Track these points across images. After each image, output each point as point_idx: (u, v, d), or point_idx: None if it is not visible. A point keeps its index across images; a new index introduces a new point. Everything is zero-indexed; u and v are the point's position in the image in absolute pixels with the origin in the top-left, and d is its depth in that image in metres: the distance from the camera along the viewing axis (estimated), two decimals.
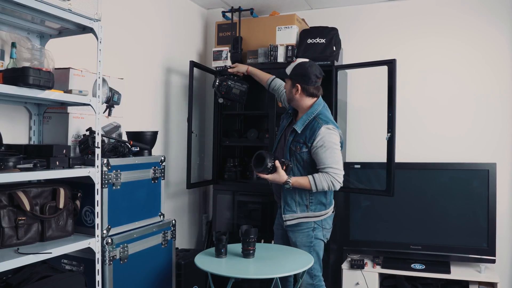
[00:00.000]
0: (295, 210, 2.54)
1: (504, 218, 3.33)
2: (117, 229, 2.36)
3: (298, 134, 2.52)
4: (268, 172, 2.43)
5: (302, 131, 2.51)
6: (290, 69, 2.55)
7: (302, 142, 2.50)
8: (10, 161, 1.79)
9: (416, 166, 3.37)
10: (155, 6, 3.46)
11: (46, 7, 1.87)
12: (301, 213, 2.54)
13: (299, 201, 2.54)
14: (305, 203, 2.54)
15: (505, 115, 3.39)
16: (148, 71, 3.39)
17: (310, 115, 2.53)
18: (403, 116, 3.40)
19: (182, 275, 3.01)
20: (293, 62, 2.58)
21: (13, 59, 2.01)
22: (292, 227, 2.56)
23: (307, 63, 2.54)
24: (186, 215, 3.87)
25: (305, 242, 2.55)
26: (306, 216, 2.53)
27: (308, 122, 2.51)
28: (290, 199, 2.54)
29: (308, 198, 2.53)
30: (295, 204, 2.54)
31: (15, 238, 1.89)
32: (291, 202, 2.54)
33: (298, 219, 2.54)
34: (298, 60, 2.58)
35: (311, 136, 2.47)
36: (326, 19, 3.75)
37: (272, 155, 2.46)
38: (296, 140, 2.52)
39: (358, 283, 3.25)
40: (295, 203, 2.54)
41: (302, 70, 2.52)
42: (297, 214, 2.54)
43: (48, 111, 2.36)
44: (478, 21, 3.45)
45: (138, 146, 2.57)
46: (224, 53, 3.54)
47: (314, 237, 2.55)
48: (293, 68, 2.54)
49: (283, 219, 2.56)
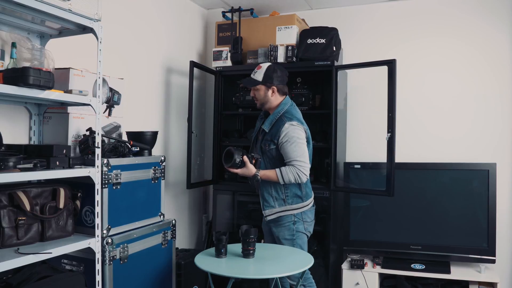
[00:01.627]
0: (274, 205, 2.64)
1: (504, 218, 3.33)
2: (117, 229, 2.36)
3: (266, 133, 2.65)
4: (238, 167, 2.57)
5: (269, 130, 2.64)
6: (261, 75, 2.66)
7: (270, 139, 2.63)
8: (10, 161, 1.79)
9: (416, 166, 3.37)
10: (156, 6, 3.46)
11: (46, 7, 1.87)
12: (279, 207, 2.64)
13: (275, 196, 2.64)
14: (281, 197, 2.64)
15: (505, 115, 3.39)
16: (148, 71, 3.39)
17: (277, 115, 2.65)
18: (403, 116, 3.39)
19: (182, 275, 3.02)
20: (258, 69, 2.69)
21: (13, 59, 2.01)
22: (274, 222, 2.67)
23: (275, 65, 2.73)
24: (186, 215, 3.87)
25: (287, 235, 2.63)
26: (284, 209, 2.64)
27: (275, 121, 2.64)
28: (267, 194, 2.65)
29: (283, 192, 2.63)
30: (272, 199, 2.64)
31: (15, 238, 1.89)
32: (268, 197, 2.65)
33: (277, 213, 2.64)
34: (263, 65, 2.69)
35: (276, 133, 2.59)
36: (326, 19, 3.75)
37: (241, 151, 2.58)
38: (265, 139, 2.66)
39: (358, 283, 3.25)
40: (272, 198, 2.64)
41: (276, 72, 2.66)
42: (276, 209, 2.64)
43: (48, 111, 2.36)
44: (478, 21, 3.45)
45: (138, 146, 2.58)
46: (224, 53, 3.55)
47: (296, 230, 2.63)
48: (264, 74, 2.65)
49: (264, 214, 2.66)
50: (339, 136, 3.27)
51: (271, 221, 2.66)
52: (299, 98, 3.32)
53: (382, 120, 2.97)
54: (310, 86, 3.43)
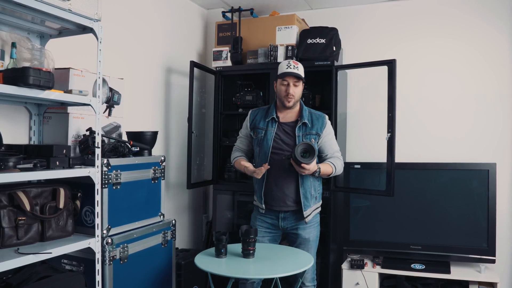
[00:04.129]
0: (310, 204, 2.64)
1: (504, 218, 3.33)
2: (117, 229, 2.36)
3: (308, 127, 2.62)
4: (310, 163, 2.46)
5: (312, 124, 2.64)
6: (302, 71, 2.63)
7: (315, 133, 2.63)
8: (10, 161, 1.79)
9: (416, 166, 3.37)
10: (155, 6, 3.46)
11: (46, 7, 1.87)
12: (313, 205, 2.66)
13: (313, 194, 2.65)
14: (315, 195, 2.67)
15: (505, 115, 3.39)
16: (148, 71, 3.39)
17: (306, 110, 2.69)
18: (403, 116, 3.39)
19: (182, 275, 3.02)
20: (298, 65, 2.62)
21: (13, 59, 2.01)
22: (308, 222, 2.65)
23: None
24: (186, 215, 3.88)
25: (317, 235, 2.71)
26: (315, 207, 2.68)
27: (311, 115, 2.67)
28: (309, 194, 2.63)
29: (317, 189, 2.69)
30: (311, 198, 2.65)
31: (15, 238, 1.89)
32: (309, 196, 2.64)
33: (313, 212, 2.66)
34: (299, 63, 2.65)
35: (321, 126, 2.64)
36: (326, 19, 3.75)
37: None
38: (310, 133, 2.62)
39: (358, 283, 3.25)
40: (311, 196, 2.65)
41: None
42: (311, 208, 2.65)
43: (48, 111, 2.36)
44: (478, 21, 3.45)
45: (138, 146, 2.57)
46: (224, 53, 3.55)
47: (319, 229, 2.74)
48: (303, 70, 2.65)
49: (304, 215, 2.61)
50: (339, 136, 3.27)
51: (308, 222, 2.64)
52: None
53: (382, 120, 2.97)
54: (310, 86, 3.43)
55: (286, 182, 2.61)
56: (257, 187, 2.70)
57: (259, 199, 2.68)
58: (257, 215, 2.73)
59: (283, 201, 2.62)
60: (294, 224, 2.65)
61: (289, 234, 2.70)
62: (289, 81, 2.59)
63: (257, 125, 2.71)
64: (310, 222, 2.65)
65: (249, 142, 2.79)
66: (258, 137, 2.69)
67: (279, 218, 2.66)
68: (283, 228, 2.67)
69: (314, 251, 2.69)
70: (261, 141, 2.67)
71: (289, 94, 2.59)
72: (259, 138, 2.68)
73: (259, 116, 2.74)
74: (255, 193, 2.76)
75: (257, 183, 2.68)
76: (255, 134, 2.71)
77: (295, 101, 2.63)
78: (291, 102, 2.61)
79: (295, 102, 2.63)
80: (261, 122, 2.70)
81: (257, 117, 2.74)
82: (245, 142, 2.81)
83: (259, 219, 2.70)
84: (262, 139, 2.67)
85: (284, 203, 2.62)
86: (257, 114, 2.75)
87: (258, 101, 3.49)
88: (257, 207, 2.74)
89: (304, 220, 2.61)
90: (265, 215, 2.68)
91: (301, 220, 2.63)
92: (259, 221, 2.69)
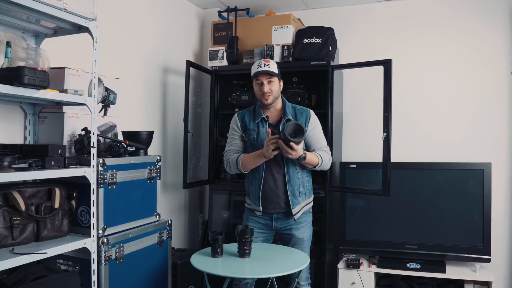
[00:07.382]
0: (299, 201, 2.63)
1: (499, 218, 3.35)
2: (112, 229, 2.35)
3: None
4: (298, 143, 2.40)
5: (296, 119, 2.62)
6: (275, 67, 2.63)
7: None
8: (5, 161, 1.78)
9: (412, 166, 3.38)
10: (151, 6, 3.45)
11: (42, 6, 1.86)
12: (302, 202, 2.64)
13: (302, 191, 2.65)
14: (304, 191, 2.65)
15: (500, 115, 3.40)
16: (144, 71, 3.39)
17: (289, 106, 2.69)
18: (398, 116, 3.41)
19: (178, 275, 3.02)
20: (269, 62, 2.62)
21: (8, 59, 2.00)
22: (298, 221, 2.63)
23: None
24: (182, 215, 3.87)
25: (310, 234, 2.70)
26: (305, 203, 2.66)
27: (294, 111, 2.68)
28: (297, 190, 2.61)
29: (306, 186, 2.67)
30: (299, 194, 2.62)
31: (10, 238, 1.89)
32: (297, 193, 2.62)
33: (302, 208, 2.64)
34: (270, 60, 2.65)
35: (305, 120, 2.64)
36: (322, 19, 3.76)
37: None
38: None
39: (354, 283, 3.25)
40: (300, 193, 2.63)
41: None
42: (300, 204, 2.63)
43: (44, 111, 2.35)
44: (474, 21, 3.46)
45: (134, 146, 2.57)
46: (220, 53, 3.54)
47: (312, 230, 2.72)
48: (277, 67, 2.65)
49: (292, 213, 2.60)
50: (335, 135, 3.28)
51: (297, 219, 2.63)
52: (295, 98, 3.33)
53: (378, 119, 2.98)
54: (306, 85, 3.43)
55: (279, 184, 2.61)
56: (251, 190, 2.67)
57: (255, 201, 2.64)
58: (249, 215, 2.72)
59: (277, 203, 2.62)
60: (286, 224, 2.64)
61: (282, 234, 2.69)
62: (262, 80, 2.60)
63: (248, 127, 2.69)
64: (303, 221, 2.65)
65: (243, 144, 2.74)
66: (251, 138, 2.67)
67: (273, 218, 2.66)
68: (277, 229, 2.67)
69: (308, 250, 2.69)
70: (255, 142, 2.66)
71: (265, 92, 2.59)
72: (252, 139, 2.67)
73: (247, 118, 2.72)
74: (247, 195, 2.74)
75: (252, 186, 2.67)
76: (246, 135, 2.69)
77: (273, 98, 2.62)
78: (269, 99, 2.61)
79: (273, 99, 2.62)
80: (251, 123, 2.69)
81: (245, 118, 2.72)
82: (240, 144, 2.74)
83: (252, 220, 2.69)
84: (255, 140, 2.66)
85: (278, 205, 2.63)
86: (244, 116, 2.74)
87: (254, 100, 3.48)
88: (250, 209, 2.73)
89: (293, 217, 2.60)
90: (258, 216, 2.68)
91: (291, 217, 2.62)
92: (251, 222, 2.68)
